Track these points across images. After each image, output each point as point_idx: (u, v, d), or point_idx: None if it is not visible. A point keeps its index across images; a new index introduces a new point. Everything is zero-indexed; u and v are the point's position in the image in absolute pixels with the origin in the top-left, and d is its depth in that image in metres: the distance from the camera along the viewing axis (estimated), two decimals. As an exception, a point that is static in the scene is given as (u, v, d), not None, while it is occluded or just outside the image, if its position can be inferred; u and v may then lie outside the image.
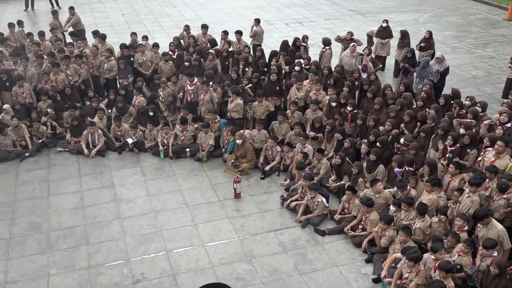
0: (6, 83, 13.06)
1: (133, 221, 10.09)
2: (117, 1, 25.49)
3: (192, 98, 13.10)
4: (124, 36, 16.82)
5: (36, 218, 10.17)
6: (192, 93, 13.06)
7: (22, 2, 24.21)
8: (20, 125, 12.40)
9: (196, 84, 13.10)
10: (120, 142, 12.55)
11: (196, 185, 11.20)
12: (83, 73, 13.82)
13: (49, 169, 11.85)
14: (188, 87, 13.08)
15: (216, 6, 24.50)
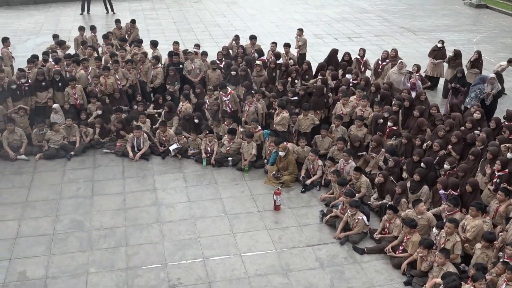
0: (59, 84, 13.46)
1: (172, 226, 10.18)
2: (170, 9, 26.00)
3: (231, 108, 13.16)
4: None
5: (79, 217, 10.41)
6: (229, 103, 13.13)
7: (79, 6, 25.00)
8: (73, 124, 12.76)
9: (231, 93, 13.17)
10: (164, 147, 12.73)
11: (236, 194, 11.23)
12: (130, 77, 14.12)
13: (94, 169, 12.12)
14: (223, 98, 13.14)
15: (266, 17, 24.66)
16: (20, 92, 13.10)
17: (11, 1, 26.47)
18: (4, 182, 11.51)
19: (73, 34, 17.29)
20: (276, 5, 27.05)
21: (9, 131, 12.41)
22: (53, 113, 13.08)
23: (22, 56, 16.55)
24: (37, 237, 9.78)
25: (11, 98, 12.99)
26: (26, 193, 11.15)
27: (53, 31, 21.85)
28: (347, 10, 26.13)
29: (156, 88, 14.38)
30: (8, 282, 8.68)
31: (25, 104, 13.11)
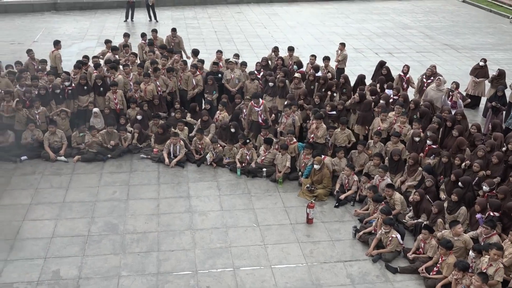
0: (100, 89, 13.75)
1: (204, 233, 10.22)
2: (211, 19, 26.31)
3: (262, 119, 13.16)
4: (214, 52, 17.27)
5: (114, 220, 10.56)
6: (261, 113, 13.13)
7: (123, 14, 25.56)
8: (113, 130, 13.00)
9: (263, 104, 13.18)
10: (200, 155, 12.82)
11: (269, 206, 11.20)
12: (170, 84, 14.30)
13: (130, 174, 12.30)
14: (255, 109, 13.16)
15: (307, 30, 24.67)
16: (63, 95, 13.44)
17: (59, 6, 27.28)
18: (44, 182, 11.80)
19: (117, 41, 17.62)
20: (317, 18, 27.05)
21: (50, 132, 12.74)
22: (93, 117, 13.36)
23: (66, 60, 16.99)
24: (72, 237, 9.97)
25: (54, 100, 13.35)
26: (63, 193, 11.40)
27: (97, 37, 22.45)
28: (389, 25, 25.91)
29: (194, 96, 14.51)
30: (42, 280, 8.86)
31: (67, 107, 13.45)
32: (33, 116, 12.92)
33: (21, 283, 8.79)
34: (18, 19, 25.32)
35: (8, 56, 18.24)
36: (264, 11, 28.24)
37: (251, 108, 13.12)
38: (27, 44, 21.18)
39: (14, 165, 12.46)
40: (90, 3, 27.93)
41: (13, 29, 23.74)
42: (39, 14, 26.30)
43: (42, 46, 19.94)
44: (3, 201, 11.07)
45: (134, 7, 25.30)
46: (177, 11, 27.57)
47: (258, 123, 13.16)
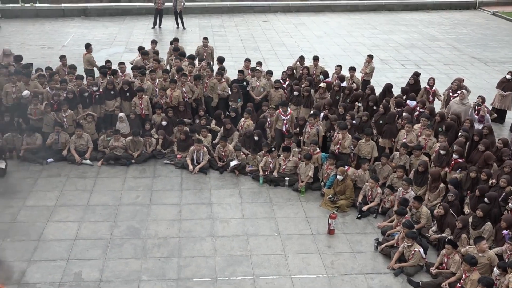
0: (126, 94, 13.92)
1: (225, 241, 10.23)
2: (238, 27, 26.44)
3: (287, 128, 13.13)
4: (240, 61, 17.39)
5: (136, 224, 10.64)
6: (287, 122, 13.11)
7: (151, 20, 25.86)
8: (139, 139, 13.13)
9: (291, 114, 13.15)
10: (223, 162, 12.86)
11: (290, 215, 11.16)
12: (196, 91, 14.41)
13: (154, 179, 12.39)
14: (282, 117, 13.14)
15: (333, 40, 24.62)
16: (90, 100, 13.64)
17: (89, 12, 27.75)
18: (69, 185, 11.97)
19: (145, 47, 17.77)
20: (343, 28, 26.98)
21: (77, 135, 12.93)
22: (118, 122, 13.52)
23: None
24: (95, 240, 10.08)
25: (81, 104, 13.56)
26: (88, 196, 11.54)
27: (125, 42, 22.76)
28: (416, 36, 25.69)
29: (219, 103, 14.59)
30: (64, 281, 8.97)
31: (93, 111, 13.64)
32: (60, 119, 13.14)
33: (44, 283, 8.92)
34: (48, 24, 25.83)
35: (38, 60, 18.61)
36: (291, 20, 28.28)
37: (278, 116, 13.12)
38: (57, 48, 21.63)
39: (41, 167, 12.68)
40: (119, 9, 28.36)
41: (43, 33, 24.22)
42: (69, 20, 26.79)
43: (72, 51, 20.30)
44: (28, 202, 11.26)
45: (162, 14, 25.58)
46: (204, 19, 27.79)
47: (282, 132, 13.15)
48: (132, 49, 21.05)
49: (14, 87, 13.60)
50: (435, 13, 31.04)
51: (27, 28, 25.00)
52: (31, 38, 23.26)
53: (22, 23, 25.86)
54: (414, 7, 31.90)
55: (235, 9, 29.73)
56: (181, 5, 25.41)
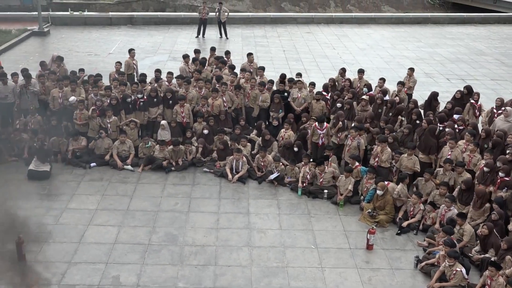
0: (169, 101, 14.11)
1: (261, 251, 10.19)
2: (280, 38, 26.52)
3: (323, 142, 13.00)
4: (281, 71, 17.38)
5: (174, 231, 10.73)
6: (323, 136, 12.99)
7: (195, 30, 26.23)
8: (180, 148, 13.27)
9: (327, 128, 13.02)
10: (262, 172, 12.85)
11: (328, 228, 11.04)
12: (236, 101, 14.48)
13: (193, 187, 12.49)
14: (318, 131, 13.03)
15: (376, 52, 24.39)
16: (134, 106, 13.89)
17: (135, 20, 28.38)
18: (110, 189, 12.19)
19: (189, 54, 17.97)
20: (387, 40, 26.70)
21: (120, 141, 13.18)
22: (160, 129, 13.70)
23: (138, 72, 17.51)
24: (133, 245, 10.21)
25: (124, 110, 13.83)
26: (128, 201, 11.72)
27: (169, 51, 23.14)
28: (463, 50, 25.18)
29: (260, 114, 14.61)
30: (102, 284, 9.11)
31: (136, 117, 13.88)
32: (104, 125, 13.42)
33: (83, 285, 9.07)
34: (96, 32, 26.53)
35: (85, 66, 19.05)
36: (334, 32, 28.19)
37: (314, 130, 13.04)
38: (103, 56, 22.18)
39: (84, 171, 12.96)
40: (164, 18, 28.90)
41: (90, 41, 24.89)
42: (116, 28, 27.45)
43: (117, 58, 20.59)
44: (71, 204, 11.51)
45: (206, 24, 25.93)
46: (247, 29, 28.01)
47: (317, 146, 13.05)
48: (176, 57, 21.40)
49: (61, 93, 13.98)
50: (482, 27, 30.40)
51: (75, 35, 25.75)
52: (79, 45, 23.93)
53: (70, 30, 26.66)
54: (461, 20, 31.34)
55: (278, 20, 29.86)
56: (225, 15, 25.71)
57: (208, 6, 26.76)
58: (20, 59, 21.21)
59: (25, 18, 27.22)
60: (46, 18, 26.84)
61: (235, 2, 34.92)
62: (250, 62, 16.77)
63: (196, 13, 27.87)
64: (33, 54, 22.24)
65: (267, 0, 34.58)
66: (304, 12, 33.63)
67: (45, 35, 25.25)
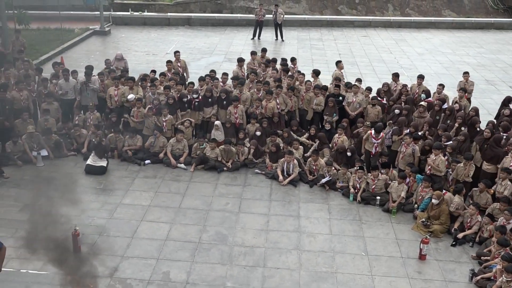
0: (224, 102, 14.23)
1: (311, 255, 10.11)
2: (336, 41, 26.30)
3: (377, 151, 12.71)
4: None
5: (224, 230, 10.80)
6: (377, 146, 12.72)
7: (251, 31, 26.37)
8: (231, 148, 13.36)
9: (382, 137, 12.74)
10: (313, 176, 12.75)
11: (380, 235, 10.83)
12: (289, 103, 14.43)
13: (244, 188, 12.54)
14: (373, 140, 12.76)
15: (435, 58, 23.78)
16: (189, 106, 14.09)
17: (192, 21, 28.84)
18: (163, 187, 12.41)
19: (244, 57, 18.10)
20: (447, 46, 26.00)
21: (177, 140, 13.39)
22: (214, 129, 13.84)
23: (194, 72, 17.82)
24: (184, 242, 10.34)
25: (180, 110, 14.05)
26: (180, 199, 11.89)
27: (224, 52, 23.37)
28: (527, 57, 24.20)
29: (314, 117, 14.52)
30: (153, 280, 9.27)
31: (191, 117, 14.07)
32: (160, 123, 13.68)
33: (134, 279, 9.26)
34: (154, 32, 27.12)
35: (142, 65, 19.58)
36: (391, 36, 27.70)
37: (369, 137, 12.81)
38: (160, 55, 22.64)
39: (138, 167, 13.25)
40: (221, 20, 29.23)
41: (149, 40, 25.47)
42: (173, 28, 27.98)
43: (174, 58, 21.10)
44: (125, 200, 11.79)
45: (263, 26, 26.02)
46: (303, 32, 27.92)
47: (370, 154, 12.82)
48: (231, 59, 21.57)
49: (117, 90, 14.35)
50: (550, 33, 29.13)
51: (134, 35, 26.42)
52: (138, 45, 24.53)
53: (130, 30, 27.39)
54: (526, 26, 30.16)
55: (335, 23, 29.63)
56: (281, 17, 25.71)
57: (264, 8, 26.88)
58: (81, 57, 21.96)
59: (87, 17, 28.18)
60: (107, 18, 27.71)
61: (291, 5, 34.84)
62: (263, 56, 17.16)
63: (252, 15, 28.01)
64: (94, 52, 22.98)
65: (324, 3, 34.34)
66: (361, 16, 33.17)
67: (106, 34, 26.06)
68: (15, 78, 14.62)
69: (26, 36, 20.79)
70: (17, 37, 17.91)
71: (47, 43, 23.01)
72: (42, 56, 21.07)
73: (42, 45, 22.56)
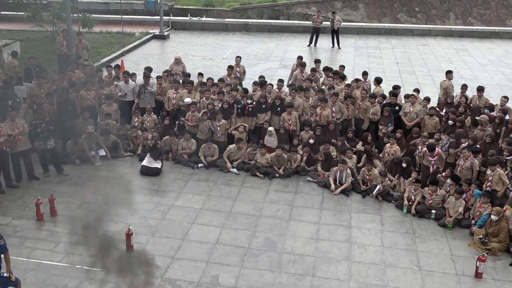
0: (277, 108, 14.23)
1: (361, 267, 9.93)
2: (394, 50, 25.83)
3: (435, 169, 12.29)
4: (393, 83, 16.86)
5: (274, 237, 10.76)
6: (435, 163, 12.30)
7: (308, 38, 26.29)
8: (282, 155, 13.32)
9: (439, 154, 12.31)
10: (366, 186, 12.54)
11: (434, 251, 10.51)
12: (345, 112, 14.27)
13: (295, 195, 12.47)
14: (429, 158, 12.31)
15: (498, 69, 22.93)
16: (243, 111, 14.17)
17: (249, 27, 29.07)
18: (215, 190, 12.51)
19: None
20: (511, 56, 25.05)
21: (238, 148, 13.46)
22: (267, 136, 13.85)
23: (249, 78, 17.92)
24: (234, 247, 10.38)
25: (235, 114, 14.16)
26: (231, 204, 11.96)
27: (280, 59, 23.40)
28: None
29: (370, 126, 14.29)
30: (202, 282, 9.35)
31: (244, 122, 14.14)
32: (214, 128, 13.82)
33: (183, 281, 9.37)
34: (211, 37, 27.50)
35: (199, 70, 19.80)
36: (452, 45, 26.95)
37: (424, 155, 12.47)
38: (217, 60, 22.92)
39: (192, 170, 13.43)
40: (278, 26, 29.32)
41: (206, 45, 25.83)
42: (231, 34, 28.27)
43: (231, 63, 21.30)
44: (178, 202, 11.96)
45: (319, 33, 25.89)
46: (360, 40, 27.59)
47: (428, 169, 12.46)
48: (286, 65, 21.58)
49: (176, 94, 14.61)
50: None
51: (192, 39, 26.88)
52: (195, 49, 24.93)
53: (188, 35, 27.90)
54: None
55: (393, 31, 29.12)
56: (339, 24, 25.51)
57: (322, 15, 26.74)
58: (140, 60, 22.54)
59: (148, 22, 28.91)
60: (167, 23, 28.35)
61: (349, 12, 34.58)
62: (318, 67, 16.92)
63: (309, 22, 27.94)
64: (152, 56, 23.54)
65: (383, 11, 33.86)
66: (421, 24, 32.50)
67: (165, 39, 26.65)
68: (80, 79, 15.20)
69: (89, 39, 21.58)
70: (80, 40, 18.57)
71: (108, 46, 23.77)
72: (104, 59, 21.78)
73: (104, 48, 23.32)
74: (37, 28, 23.08)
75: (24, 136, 12.15)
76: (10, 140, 11.80)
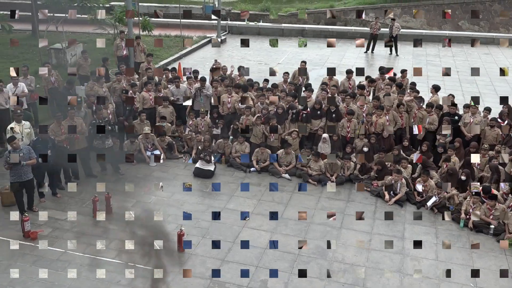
0: (332, 115, 14.09)
1: (413, 280, 9.67)
2: (455, 58, 25.11)
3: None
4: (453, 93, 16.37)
5: (324, 245, 10.58)
6: None
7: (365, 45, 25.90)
8: (336, 162, 13.14)
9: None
10: (421, 197, 12.22)
11: (492, 267, 10.11)
12: (399, 121, 13.98)
13: (347, 203, 12.30)
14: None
15: None
16: (297, 117, 14.11)
17: (306, 33, 29.00)
18: (266, 195, 12.51)
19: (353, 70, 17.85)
20: None
21: (286, 153, 13.44)
22: (321, 142, 13.73)
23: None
24: (283, 253, 10.33)
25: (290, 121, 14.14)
26: (282, 209, 11.91)
27: (336, 65, 23.15)
28: None
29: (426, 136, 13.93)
30: (250, 286, 9.35)
31: (298, 128, 14.08)
32: (267, 132, 13.83)
33: (232, 284, 9.40)
34: (267, 42, 27.54)
35: (254, 74, 19.91)
36: (516, 54, 25.95)
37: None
38: (272, 65, 22.89)
39: (244, 174, 13.49)
40: (334, 32, 29.08)
41: (262, 50, 25.92)
42: (286, 39, 28.25)
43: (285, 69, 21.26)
44: (229, 205, 12.04)
45: (377, 39, 25.49)
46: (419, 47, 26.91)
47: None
48: (342, 71, 21.32)
49: (230, 98, 14.73)
50: None
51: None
52: (251, 54, 25.05)
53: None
54: None
55: (454, 39, 28.22)
56: (398, 31, 25.05)
57: (380, 22, 26.32)
58: (197, 63, 22.85)
59: (205, 26, 29.34)
60: (224, 27, 28.68)
61: (408, 19, 33.90)
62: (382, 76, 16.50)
63: (366, 28, 27.57)
64: (209, 60, 23.81)
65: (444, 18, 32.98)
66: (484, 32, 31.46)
67: (222, 43, 26.92)
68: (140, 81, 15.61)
69: (148, 42, 22.08)
70: (138, 43, 19.00)
71: (167, 49, 24.26)
72: (162, 61, 22.24)
73: (162, 51, 23.81)
74: (99, 31, 23.83)
75: (82, 135, 12.55)
76: (70, 138, 12.23)
